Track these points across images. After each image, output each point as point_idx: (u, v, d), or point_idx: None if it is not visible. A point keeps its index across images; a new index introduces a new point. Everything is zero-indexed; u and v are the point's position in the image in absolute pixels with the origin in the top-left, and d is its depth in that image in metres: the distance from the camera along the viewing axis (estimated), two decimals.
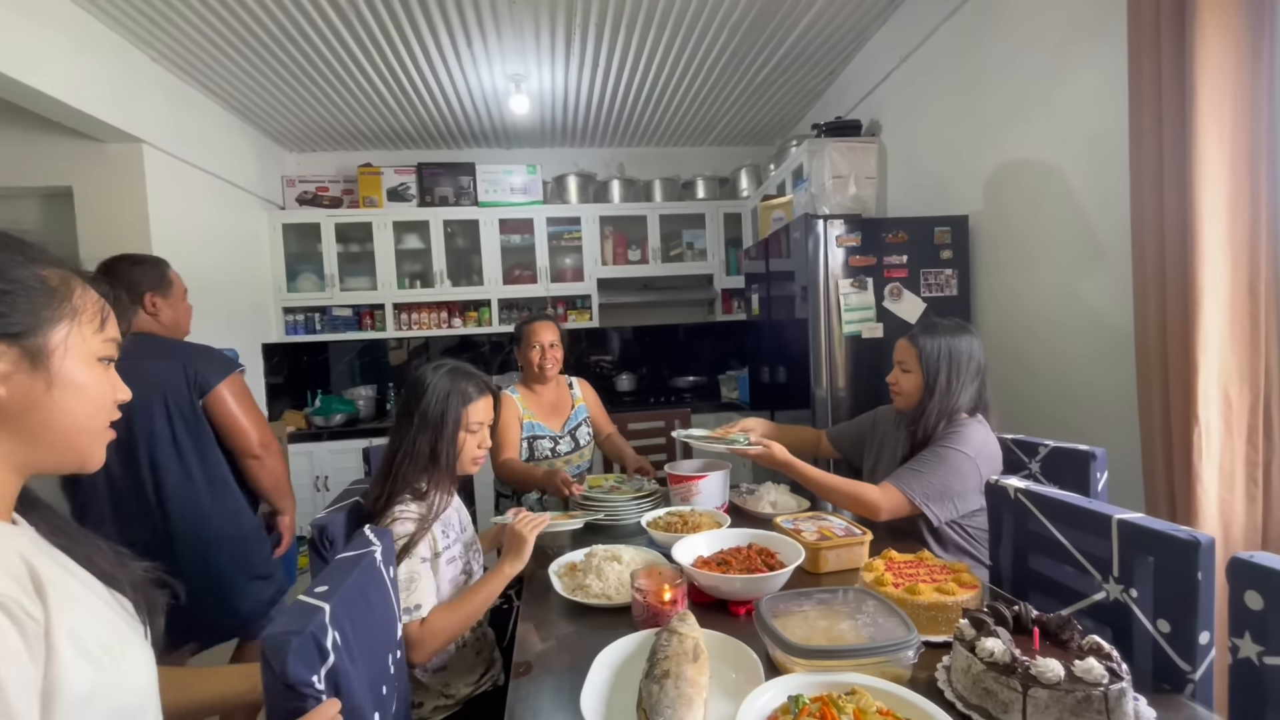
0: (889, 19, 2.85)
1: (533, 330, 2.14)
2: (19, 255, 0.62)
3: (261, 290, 3.75)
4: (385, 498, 1.25)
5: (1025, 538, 1.17)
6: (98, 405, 0.67)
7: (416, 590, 1.17)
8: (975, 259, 2.40)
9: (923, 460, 1.47)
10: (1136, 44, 1.52)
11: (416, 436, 1.28)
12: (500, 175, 4.05)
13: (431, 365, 1.35)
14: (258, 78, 3.04)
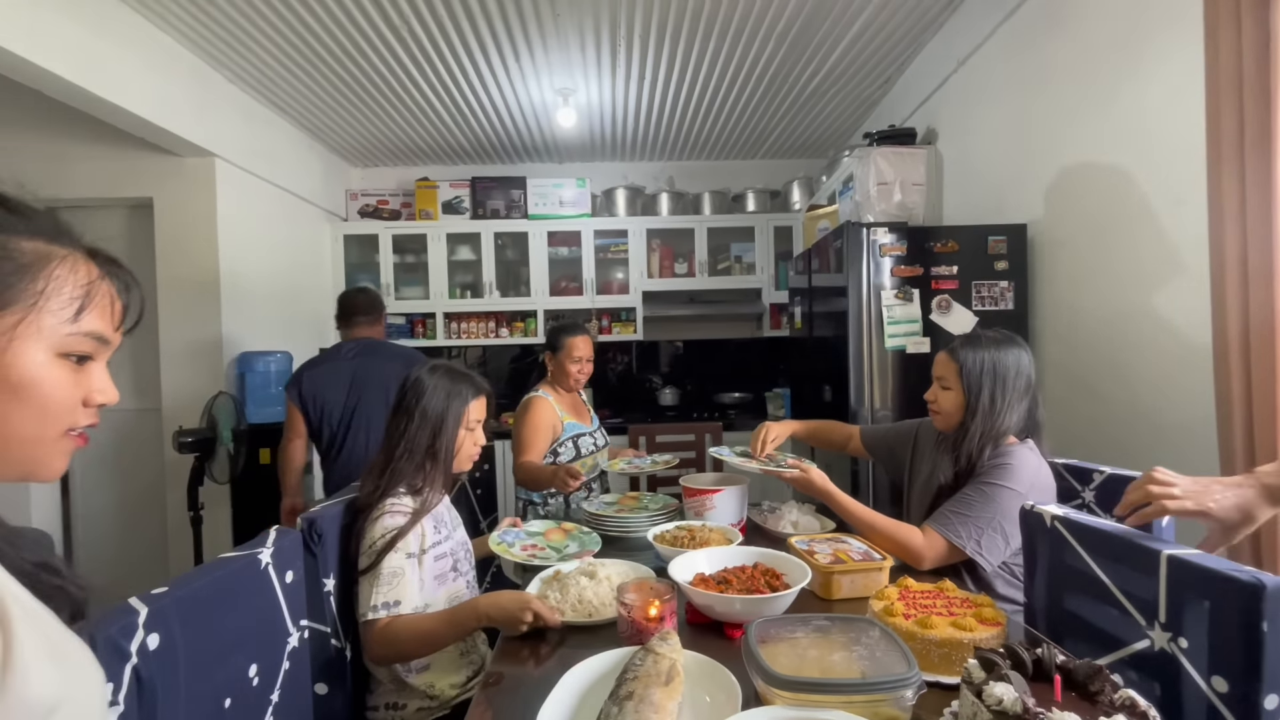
0: (945, 23, 2.71)
1: (575, 345, 2.14)
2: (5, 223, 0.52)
3: (322, 297, 3.93)
4: (380, 491, 1.26)
5: (1062, 572, 1.04)
6: (46, 409, 0.54)
7: (398, 586, 1.16)
8: (1034, 270, 2.22)
9: (967, 501, 1.32)
10: (1214, 29, 1.37)
11: (416, 433, 1.29)
12: (550, 188, 4.11)
13: (427, 366, 1.37)
14: (324, 96, 3.22)
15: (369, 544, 1.21)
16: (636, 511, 1.71)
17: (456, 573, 1.35)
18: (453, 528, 1.40)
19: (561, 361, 2.14)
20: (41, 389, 0.53)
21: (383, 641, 1.14)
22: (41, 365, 0.53)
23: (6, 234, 0.52)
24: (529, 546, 1.47)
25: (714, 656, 0.94)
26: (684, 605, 1.16)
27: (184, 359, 2.95)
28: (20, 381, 0.52)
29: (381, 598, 1.16)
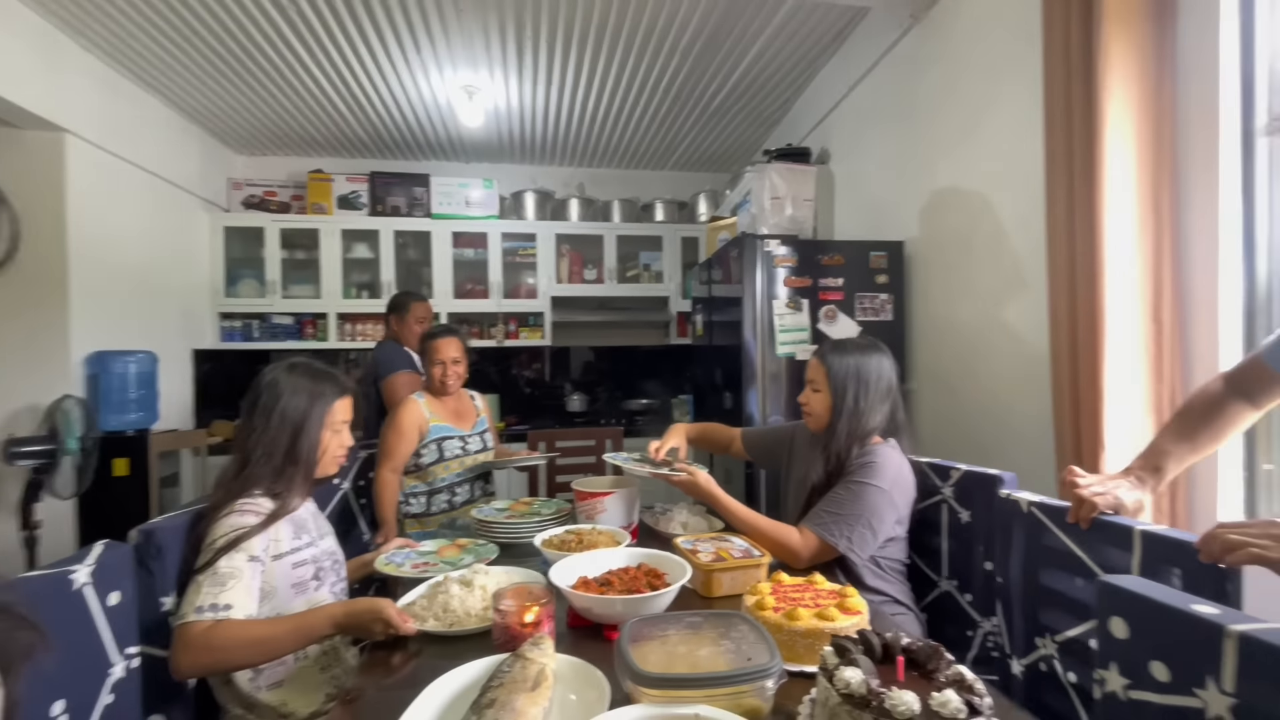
0: (837, 50, 2.89)
1: (436, 347, 2.07)
2: None
3: (196, 294, 3.60)
4: (234, 494, 1.17)
5: (1038, 553, 1.14)
6: None
7: (232, 589, 1.06)
8: (910, 285, 2.40)
9: (838, 500, 1.40)
10: (1050, 79, 1.54)
11: (276, 435, 1.21)
12: (455, 188, 3.99)
13: (284, 365, 1.29)
14: (200, 74, 2.96)
15: (209, 541, 1.11)
16: (527, 517, 1.68)
17: (319, 581, 1.26)
18: (318, 536, 1.31)
19: (428, 366, 2.10)
20: None
21: (201, 647, 1.01)
22: None
23: None
24: (421, 564, 1.41)
25: (595, 659, 0.93)
26: (567, 610, 1.15)
27: (19, 358, 2.60)
28: None
29: (210, 599, 1.04)
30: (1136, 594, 0.70)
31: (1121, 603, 0.72)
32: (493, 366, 4.29)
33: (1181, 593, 0.82)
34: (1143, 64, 1.35)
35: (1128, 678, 0.71)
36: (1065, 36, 1.46)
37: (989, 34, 1.97)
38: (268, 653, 1.08)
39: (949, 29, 2.17)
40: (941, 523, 1.48)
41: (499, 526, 1.62)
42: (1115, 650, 0.72)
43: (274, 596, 1.17)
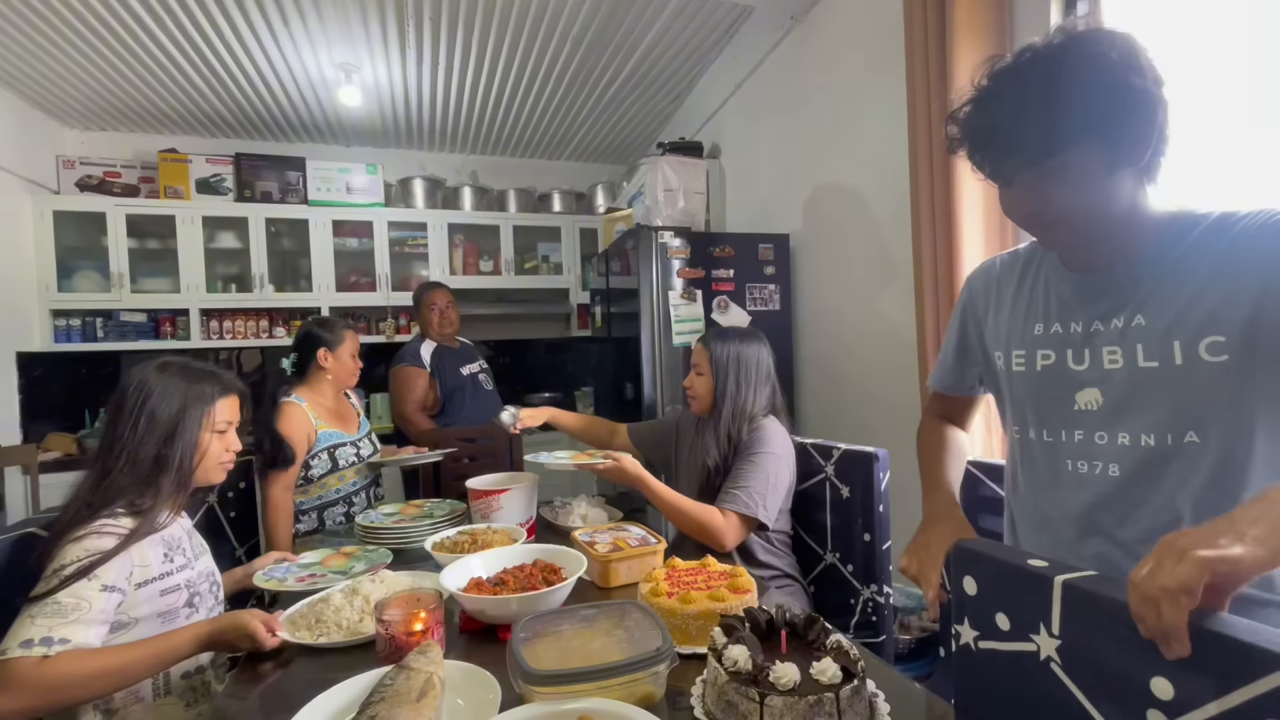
0: (725, 48, 2.97)
1: (351, 337, 2.00)
2: None
3: (19, 288, 3.12)
4: (93, 509, 1.03)
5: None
6: None
7: (73, 623, 0.92)
8: (795, 275, 2.52)
9: (743, 475, 1.46)
10: (912, 81, 1.66)
11: (141, 442, 1.09)
12: (335, 173, 3.72)
13: (156, 363, 1.16)
14: (12, 33, 2.55)
15: (56, 567, 0.97)
16: (419, 520, 1.60)
17: (192, 609, 1.13)
18: (194, 556, 1.18)
19: (343, 359, 1.95)
20: None
21: (30, 685, 0.87)
22: None
23: None
24: (306, 578, 1.31)
25: (488, 662, 0.90)
26: (459, 614, 1.11)
27: None
28: None
29: (41, 632, 0.90)
30: (982, 553, 0.78)
31: (970, 563, 0.79)
32: (383, 364, 4.05)
33: (1019, 550, 0.91)
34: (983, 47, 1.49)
35: (977, 629, 0.78)
36: (924, 43, 1.58)
37: (860, 36, 2.09)
38: (120, 682, 0.96)
39: (825, 30, 2.29)
40: (825, 499, 1.57)
41: (387, 533, 1.54)
42: (966, 606, 0.79)
43: (134, 628, 1.04)
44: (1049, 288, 0.94)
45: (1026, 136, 0.78)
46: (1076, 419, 0.89)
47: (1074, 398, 0.89)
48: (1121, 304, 0.86)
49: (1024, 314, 0.96)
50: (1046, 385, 0.92)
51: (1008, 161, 0.82)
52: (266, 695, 0.94)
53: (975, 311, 1.05)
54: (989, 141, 0.82)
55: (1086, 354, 0.88)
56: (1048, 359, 0.92)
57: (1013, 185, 0.84)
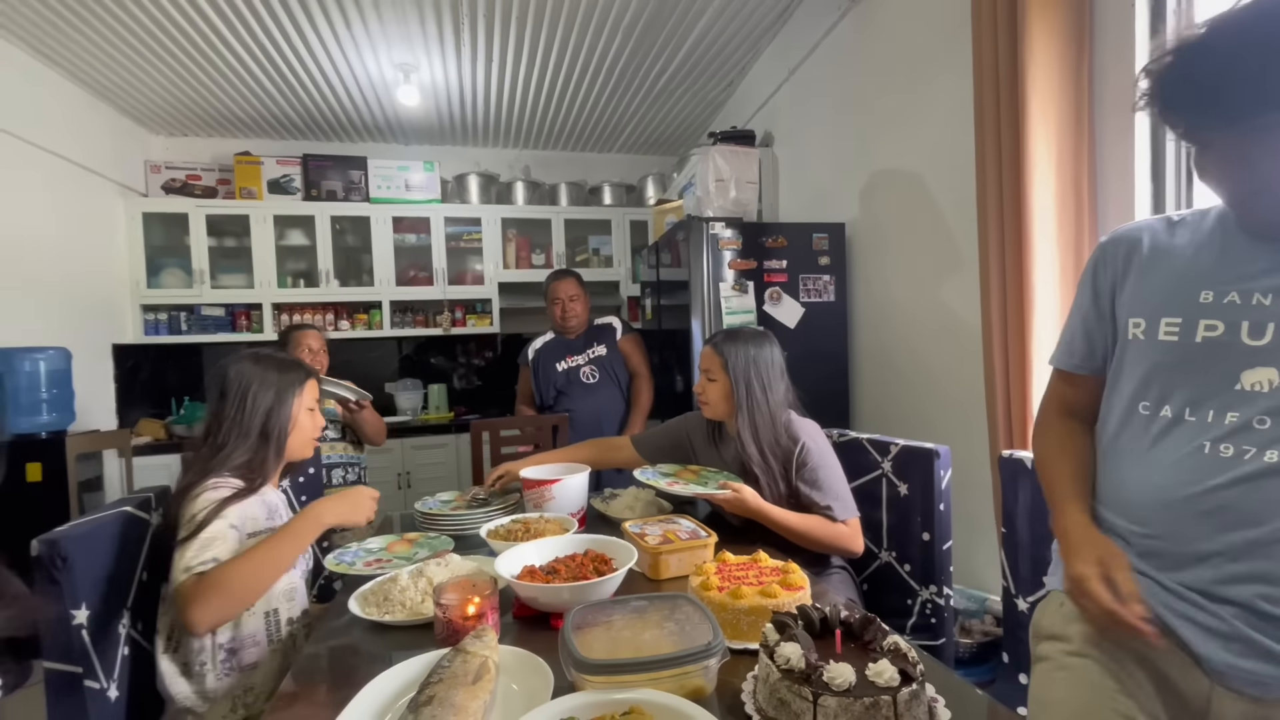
0: (779, 33, 2.90)
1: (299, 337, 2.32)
2: None
3: (114, 285, 3.37)
4: (204, 476, 1.18)
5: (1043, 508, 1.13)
6: None
7: (215, 547, 1.09)
8: (852, 266, 2.45)
9: (822, 481, 1.44)
10: (979, 65, 1.58)
11: (248, 419, 1.24)
12: (394, 171, 3.85)
13: (249, 355, 1.32)
14: (106, 48, 2.75)
15: (189, 517, 1.12)
16: (474, 508, 1.65)
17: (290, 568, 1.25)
18: (287, 518, 1.30)
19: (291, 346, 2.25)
20: None
21: (206, 590, 1.03)
22: None
23: None
24: (372, 562, 1.38)
25: (541, 649, 0.92)
26: (514, 600, 1.13)
27: None
28: None
29: (197, 558, 1.07)
30: None
31: None
32: (440, 355, 4.19)
33: None
34: (1063, 51, 1.40)
35: None
36: (992, 22, 1.50)
37: (923, 17, 2.00)
38: (270, 571, 1.11)
39: (884, 12, 2.20)
40: (881, 495, 1.53)
41: (444, 519, 1.59)
42: None
43: None
44: (1225, 252, 0.83)
45: (1233, 90, 0.70)
46: (1236, 400, 0.80)
47: (1239, 376, 0.79)
48: None
49: (1183, 278, 0.85)
50: (1206, 359, 0.82)
51: (1210, 117, 0.74)
52: (335, 669, 0.99)
53: (1110, 274, 0.94)
54: (1190, 95, 0.74)
55: (1270, 329, 0.78)
56: (1213, 330, 0.81)
57: (1212, 146, 0.76)
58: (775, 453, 1.48)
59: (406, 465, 3.55)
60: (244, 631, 1.17)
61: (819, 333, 2.40)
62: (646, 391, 2.65)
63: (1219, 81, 0.71)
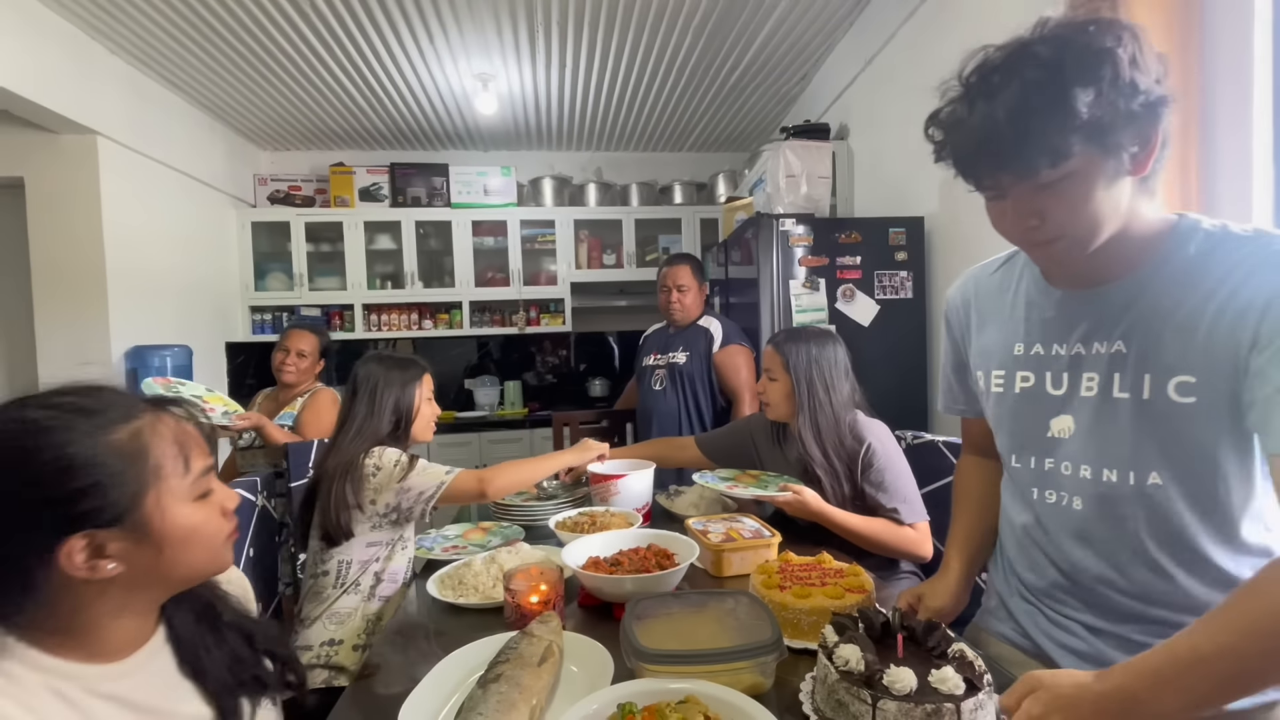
0: (855, 21, 2.81)
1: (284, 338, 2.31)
2: (85, 431, 0.59)
3: (228, 288, 3.72)
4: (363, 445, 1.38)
5: None
6: (210, 538, 0.68)
7: (434, 466, 1.39)
8: (931, 261, 2.35)
9: (890, 485, 1.42)
10: None
11: (382, 410, 1.43)
12: (474, 177, 4.02)
13: (373, 356, 1.51)
14: (222, 73, 3.03)
15: (392, 462, 1.35)
16: (544, 500, 1.71)
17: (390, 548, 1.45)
18: None
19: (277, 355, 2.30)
20: (204, 527, 0.67)
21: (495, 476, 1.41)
22: (192, 512, 0.66)
23: (102, 434, 0.60)
24: (449, 548, 1.47)
25: (603, 637, 0.95)
26: (579, 589, 1.17)
27: (65, 354, 2.72)
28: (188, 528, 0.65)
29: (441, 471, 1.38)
30: None
31: None
32: (515, 354, 4.34)
33: None
34: (1168, 17, 1.29)
35: None
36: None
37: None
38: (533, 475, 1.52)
39: None
40: None
41: (516, 509, 1.66)
42: None
43: (405, 528, 1.45)
44: (1031, 304, 0.88)
45: (1025, 145, 0.68)
46: (1050, 446, 0.86)
47: (1049, 424, 0.85)
48: (1108, 327, 0.79)
49: (1005, 331, 0.91)
50: (1023, 409, 0.89)
51: (1002, 172, 0.71)
52: (414, 644, 1.06)
53: (959, 329, 1.01)
54: (981, 150, 0.72)
55: (1065, 378, 0.84)
56: (1026, 381, 0.88)
57: (1005, 198, 0.74)
58: (839, 454, 1.46)
59: (483, 458, 3.70)
60: (393, 565, 1.41)
61: (895, 331, 2.32)
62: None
63: (1010, 134, 0.68)
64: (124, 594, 0.63)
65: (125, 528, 0.60)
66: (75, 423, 0.59)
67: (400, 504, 1.36)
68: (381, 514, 1.37)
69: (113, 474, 0.60)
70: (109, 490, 0.59)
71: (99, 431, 0.60)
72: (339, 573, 1.38)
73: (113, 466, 0.60)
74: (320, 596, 1.38)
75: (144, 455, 0.62)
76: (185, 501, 0.65)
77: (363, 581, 1.38)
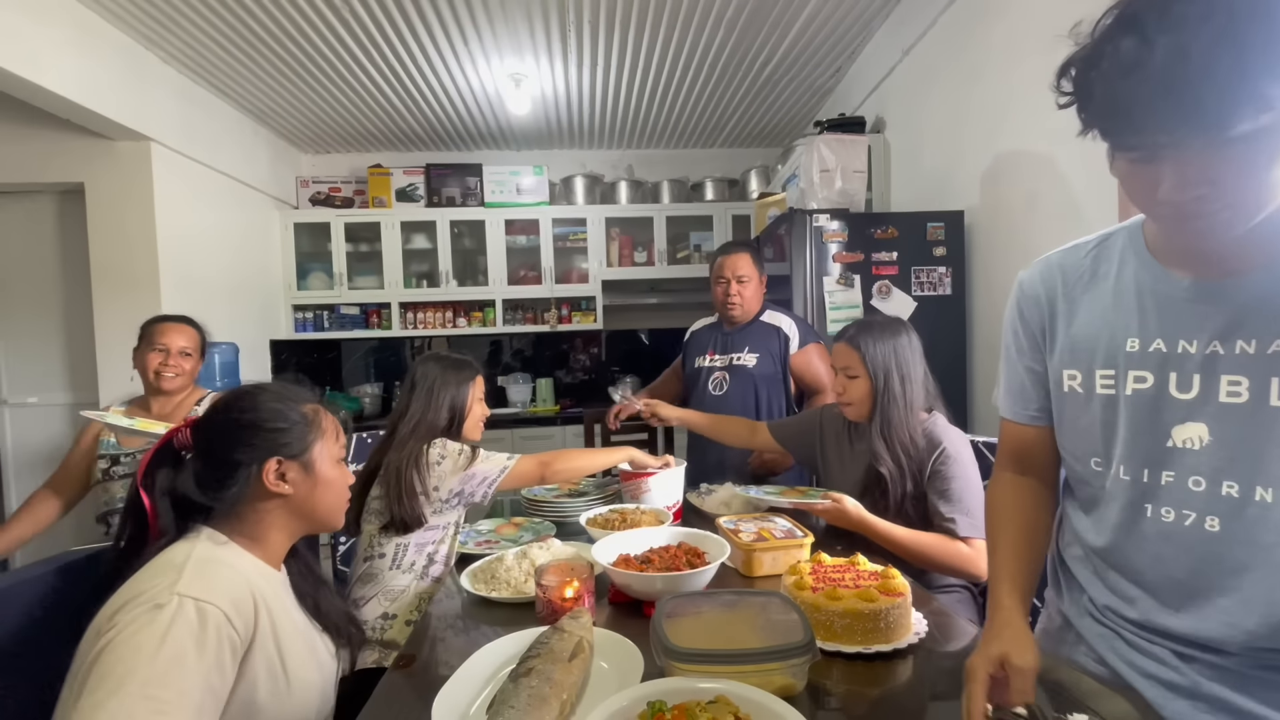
0: (892, 12, 2.75)
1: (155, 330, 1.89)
2: (291, 400, 0.97)
3: (272, 287, 3.84)
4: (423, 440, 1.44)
5: None
6: (341, 492, 1.01)
7: (495, 454, 1.47)
8: (970, 256, 2.28)
9: (953, 493, 1.34)
10: None
11: (439, 407, 1.49)
12: (507, 176, 4.07)
13: (429, 356, 1.55)
14: (266, 79, 3.12)
15: (457, 451, 1.43)
16: (575, 497, 1.72)
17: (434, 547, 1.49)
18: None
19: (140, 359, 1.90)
20: (340, 481, 1.01)
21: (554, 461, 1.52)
22: (336, 468, 1.00)
23: (299, 404, 0.98)
24: (482, 543, 1.50)
25: (633, 634, 0.95)
26: (609, 586, 1.18)
27: (122, 350, 2.84)
28: (332, 478, 0.99)
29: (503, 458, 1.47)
30: None
31: None
32: (547, 351, 4.38)
33: None
34: None
35: None
36: None
37: None
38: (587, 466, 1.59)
39: None
40: None
41: (548, 506, 1.67)
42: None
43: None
44: (1145, 292, 0.75)
45: (1228, 88, 0.54)
46: (1170, 457, 0.73)
47: (1170, 432, 0.72)
48: (1255, 321, 0.66)
49: (1112, 324, 0.77)
50: (1136, 414, 0.75)
51: (1185, 125, 0.56)
52: (448, 637, 1.08)
53: (1039, 322, 0.87)
54: (1164, 96, 0.56)
55: (1197, 381, 0.70)
56: (1142, 383, 0.74)
57: (1159, 160, 0.60)
58: (909, 450, 1.40)
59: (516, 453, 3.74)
60: (444, 549, 1.46)
61: (932, 328, 2.24)
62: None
63: (1181, 84, 0.55)
64: (285, 516, 0.94)
65: (301, 462, 0.94)
66: (283, 393, 0.98)
67: (464, 490, 1.43)
68: (444, 500, 1.42)
69: (300, 426, 0.95)
70: (297, 435, 0.94)
71: (294, 400, 0.97)
72: (395, 556, 1.43)
73: (301, 422, 0.96)
74: (375, 579, 1.42)
75: (319, 421, 0.98)
76: (333, 461, 0.99)
77: (417, 562, 1.44)
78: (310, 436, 0.95)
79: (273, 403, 0.95)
